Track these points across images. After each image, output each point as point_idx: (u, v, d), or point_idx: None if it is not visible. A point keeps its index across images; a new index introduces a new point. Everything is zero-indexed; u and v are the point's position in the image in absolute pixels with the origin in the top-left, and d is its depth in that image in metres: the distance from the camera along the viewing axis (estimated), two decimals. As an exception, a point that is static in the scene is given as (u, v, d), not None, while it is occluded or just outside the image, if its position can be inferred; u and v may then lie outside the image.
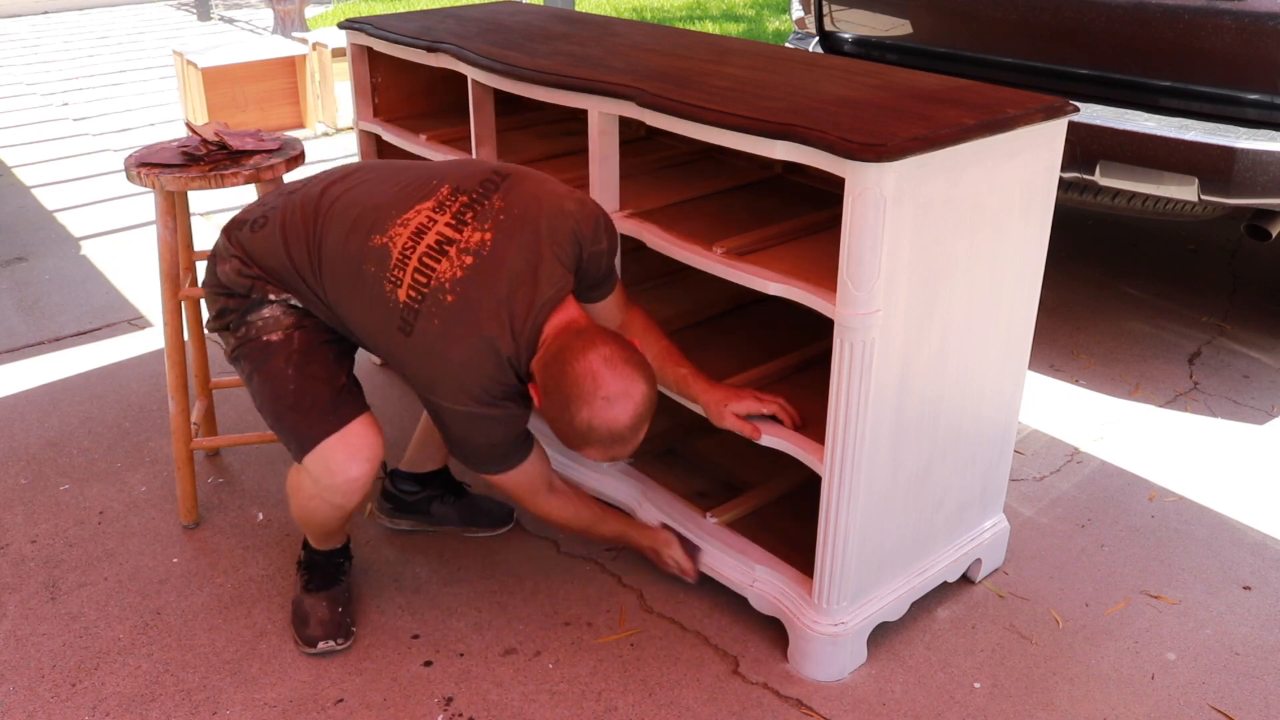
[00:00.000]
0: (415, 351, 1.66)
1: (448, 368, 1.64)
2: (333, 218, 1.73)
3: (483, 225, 1.67)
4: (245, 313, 1.77)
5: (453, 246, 1.65)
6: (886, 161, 1.48)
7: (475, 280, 1.63)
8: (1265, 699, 1.82)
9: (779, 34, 7.87)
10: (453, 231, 1.67)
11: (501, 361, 1.65)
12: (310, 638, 1.92)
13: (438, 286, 1.63)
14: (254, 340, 1.77)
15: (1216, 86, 2.71)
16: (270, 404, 1.77)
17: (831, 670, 1.85)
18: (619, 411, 1.59)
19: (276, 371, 1.76)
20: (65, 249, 3.95)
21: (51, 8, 10.07)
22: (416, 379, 1.69)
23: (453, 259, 1.65)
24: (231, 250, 1.80)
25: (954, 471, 1.91)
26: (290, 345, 1.76)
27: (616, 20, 2.57)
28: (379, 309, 1.68)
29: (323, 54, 5.44)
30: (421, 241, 1.67)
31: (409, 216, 1.70)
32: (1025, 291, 1.87)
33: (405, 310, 1.65)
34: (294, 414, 1.75)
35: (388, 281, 1.66)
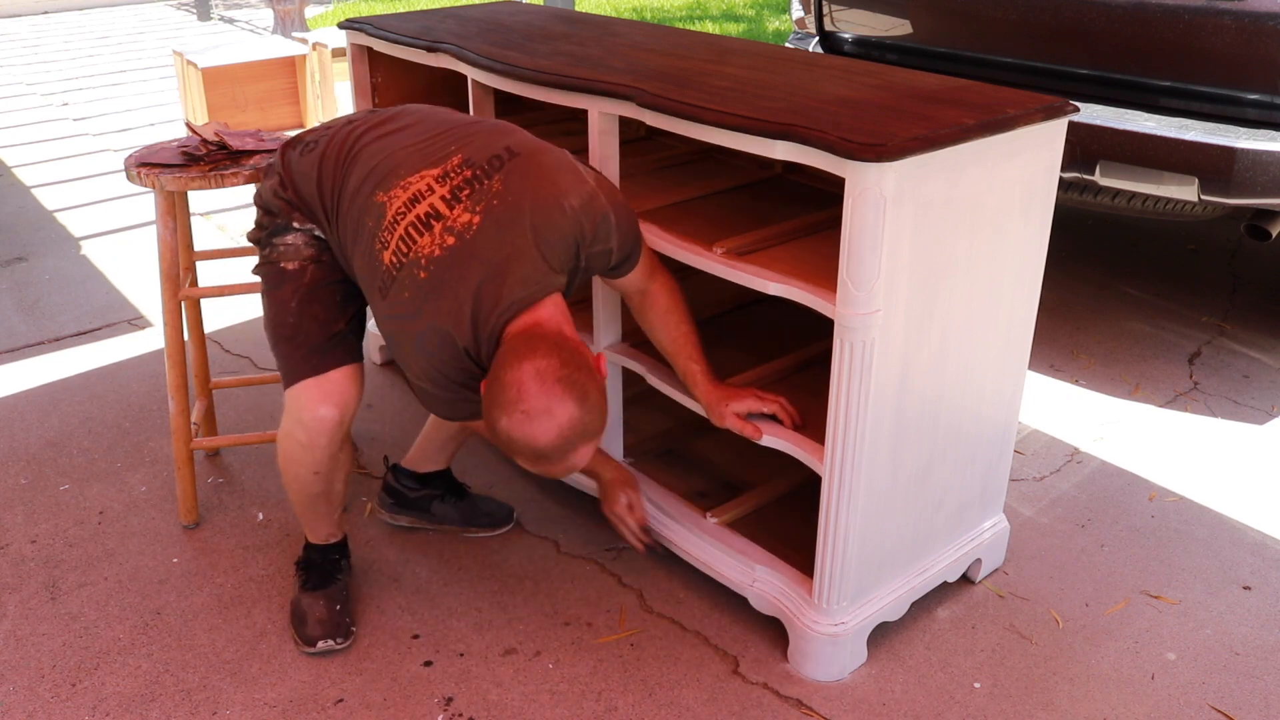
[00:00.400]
0: (385, 315, 1.68)
1: (408, 343, 1.66)
2: (359, 160, 1.75)
3: (474, 207, 1.63)
4: (272, 234, 1.82)
5: (439, 223, 1.63)
6: (886, 161, 1.48)
7: (451, 264, 1.61)
8: (1265, 699, 1.82)
9: (779, 34, 7.87)
10: (444, 207, 1.64)
11: (458, 352, 1.64)
12: (309, 637, 1.92)
13: (414, 260, 1.63)
14: (273, 263, 1.82)
15: (1216, 86, 2.71)
16: (270, 329, 1.84)
17: (831, 670, 1.85)
18: (537, 429, 1.52)
19: (282, 300, 1.81)
20: (65, 249, 3.95)
21: (51, 8, 10.07)
22: (388, 336, 1.71)
23: (436, 235, 1.63)
24: (278, 168, 1.85)
25: (954, 471, 1.91)
26: (301, 278, 1.81)
27: (616, 20, 2.57)
28: (369, 264, 1.70)
29: (323, 54, 5.44)
30: (413, 210, 1.65)
31: (412, 180, 1.68)
32: (1025, 291, 1.87)
33: (385, 274, 1.66)
34: (287, 345, 1.81)
35: (378, 240, 1.67)
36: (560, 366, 1.55)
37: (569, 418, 1.53)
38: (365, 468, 2.50)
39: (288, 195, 1.81)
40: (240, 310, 3.36)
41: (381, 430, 2.64)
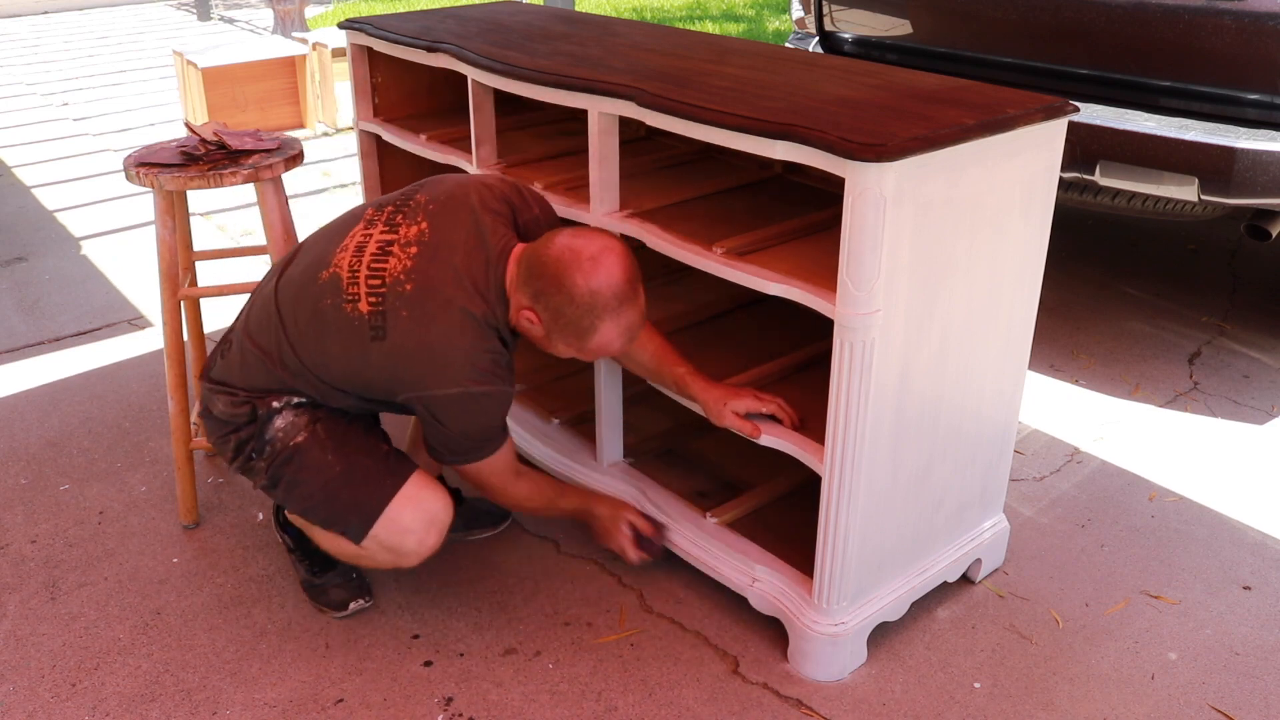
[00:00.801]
0: (395, 353, 1.67)
1: (431, 352, 1.65)
2: (284, 289, 1.80)
3: (415, 219, 1.74)
4: (261, 433, 1.79)
5: (395, 245, 1.72)
6: (886, 161, 1.48)
7: (426, 262, 1.68)
8: (1265, 699, 1.82)
9: (779, 34, 7.87)
10: (389, 234, 1.73)
11: (480, 325, 1.67)
12: (337, 601, 1.98)
13: (394, 281, 1.68)
14: (280, 452, 1.78)
15: (1216, 86, 2.71)
16: (320, 492, 1.77)
17: (831, 670, 1.85)
18: (610, 266, 1.63)
19: (317, 463, 1.77)
20: (65, 249, 3.95)
21: (51, 8, 10.07)
22: (404, 382, 1.68)
23: (398, 255, 1.70)
24: (213, 389, 1.85)
25: (954, 471, 1.91)
26: (318, 436, 1.79)
27: (616, 20, 2.57)
28: (348, 334, 1.70)
29: (323, 54, 5.44)
30: (365, 254, 1.72)
31: (346, 243, 1.76)
32: (1025, 291, 1.87)
33: (371, 318, 1.67)
34: (348, 489, 1.77)
35: (346, 303, 1.69)
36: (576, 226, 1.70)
37: (622, 247, 1.67)
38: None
39: (243, 396, 1.81)
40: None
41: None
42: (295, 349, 1.76)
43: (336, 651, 1.93)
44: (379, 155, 2.78)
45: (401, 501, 1.77)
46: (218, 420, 1.85)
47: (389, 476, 1.78)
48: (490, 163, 2.34)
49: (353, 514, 1.77)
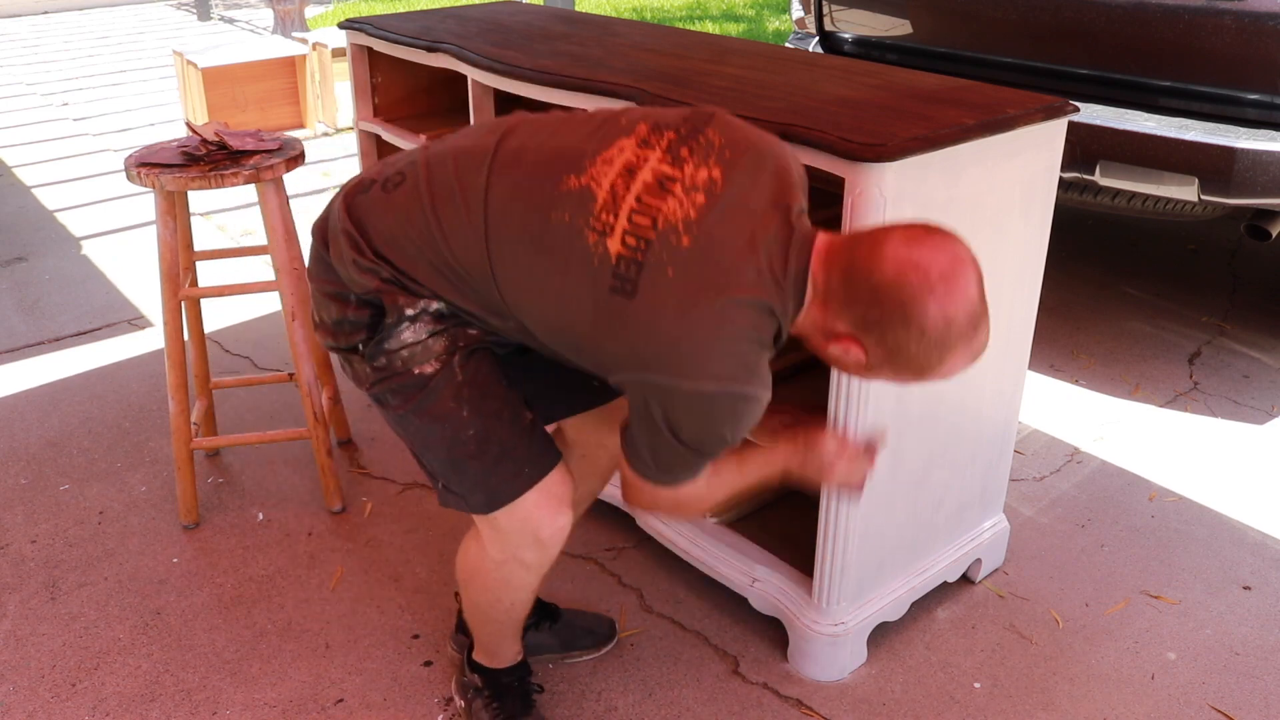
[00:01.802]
0: (641, 320, 1.26)
1: (693, 330, 1.25)
2: (500, 162, 1.36)
3: (707, 161, 1.31)
4: (381, 340, 1.41)
5: (677, 184, 1.29)
6: (886, 161, 1.48)
7: (718, 219, 1.27)
8: (1265, 699, 1.82)
9: (779, 34, 7.87)
10: (671, 168, 1.31)
11: (766, 315, 1.29)
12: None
13: (668, 228, 1.26)
14: (401, 374, 1.42)
15: (1216, 86, 2.71)
16: (445, 450, 1.46)
17: (831, 670, 1.85)
18: (965, 282, 1.23)
19: (446, 412, 1.42)
20: (65, 249, 3.95)
21: (51, 8, 10.07)
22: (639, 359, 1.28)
23: (680, 198, 1.28)
24: (348, 226, 1.39)
25: (954, 471, 1.91)
26: (454, 378, 1.41)
27: (616, 20, 2.57)
28: (578, 269, 1.28)
29: (323, 54, 5.44)
30: (636, 178, 1.30)
31: (611, 154, 1.33)
32: (1025, 291, 1.87)
33: (621, 264, 1.26)
34: (478, 463, 1.44)
35: (591, 230, 1.28)
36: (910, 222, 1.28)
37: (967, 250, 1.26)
38: (366, 467, 2.50)
39: (376, 265, 1.38)
40: (240, 310, 3.36)
41: (383, 430, 2.63)
42: (488, 240, 1.33)
43: (336, 651, 1.93)
44: (379, 155, 2.78)
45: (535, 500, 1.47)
46: (325, 268, 1.44)
47: (528, 464, 1.46)
48: (490, 163, 2.33)
49: (480, 491, 1.47)
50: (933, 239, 1.25)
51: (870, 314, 1.25)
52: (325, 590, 2.09)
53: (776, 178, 1.33)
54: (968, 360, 1.29)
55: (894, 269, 1.22)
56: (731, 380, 1.26)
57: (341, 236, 1.40)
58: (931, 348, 1.24)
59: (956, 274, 1.23)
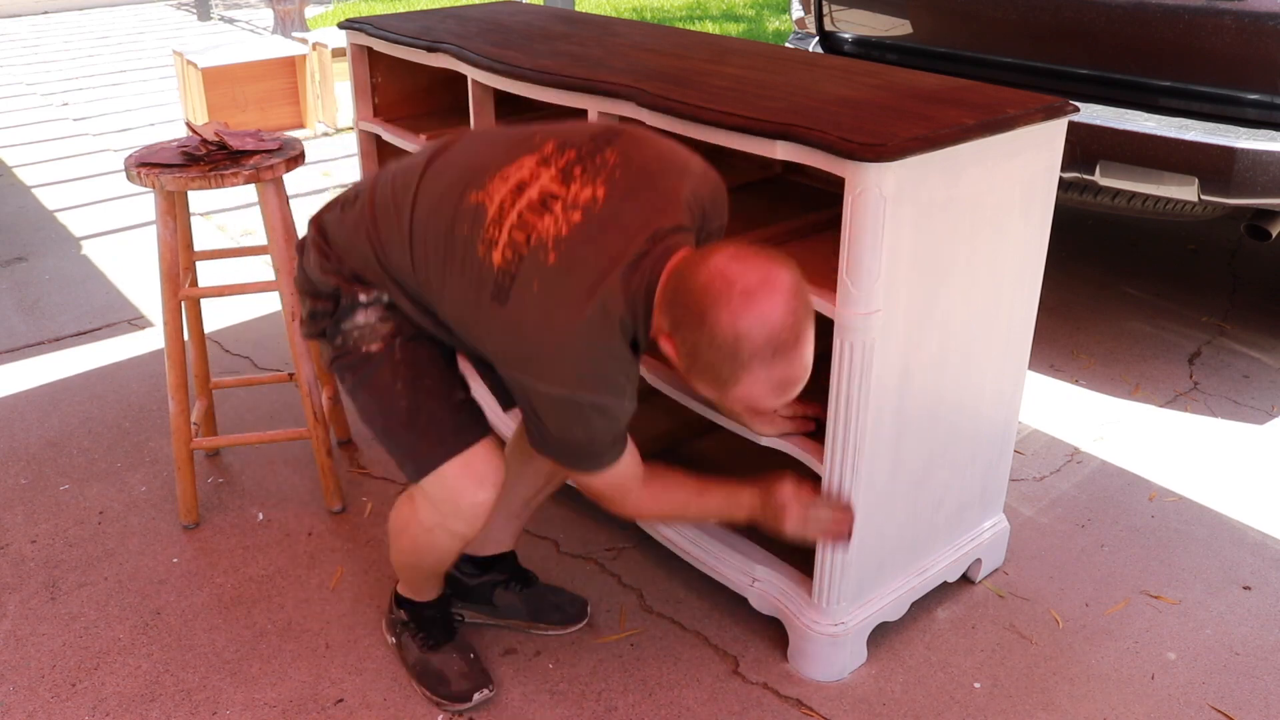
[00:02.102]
0: (508, 325, 1.42)
1: (546, 338, 1.39)
2: (428, 181, 1.54)
3: (594, 180, 1.43)
4: (339, 320, 1.61)
5: (558, 202, 1.42)
6: (886, 161, 1.48)
7: (583, 238, 1.39)
8: (1265, 699, 1.82)
9: (779, 34, 7.87)
10: (558, 186, 1.43)
11: (613, 324, 1.40)
12: (459, 693, 1.78)
13: (539, 244, 1.39)
14: (353, 352, 1.61)
15: (1216, 86, 2.71)
16: (380, 419, 1.62)
17: (831, 670, 1.85)
18: (766, 306, 1.30)
19: (384, 385, 1.60)
20: (65, 249, 3.95)
21: (51, 8, 10.07)
22: (508, 358, 1.45)
23: (557, 215, 1.41)
24: (315, 236, 1.64)
25: (954, 472, 1.91)
26: (393, 356, 1.60)
27: (616, 20, 2.57)
28: (469, 276, 1.45)
29: (323, 54, 5.44)
30: (522, 196, 1.43)
31: (510, 171, 1.47)
32: (1025, 291, 1.87)
33: (500, 275, 1.41)
34: (409, 432, 1.60)
35: (480, 243, 1.43)
36: (747, 245, 1.37)
37: (790, 282, 1.33)
38: (366, 467, 2.50)
39: (337, 266, 1.60)
40: (240, 310, 3.36)
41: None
42: (412, 247, 1.52)
43: (336, 651, 1.93)
44: (379, 155, 2.78)
45: (456, 469, 1.58)
46: (304, 273, 1.66)
47: (453, 435, 1.59)
48: (490, 163, 2.33)
49: (409, 459, 1.61)
50: (755, 259, 1.34)
51: (678, 314, 1.36)
52: (325, 590, 2.09)
53: (660, 196, 1.44)
54: (769, 388, 1.36)
55: (705, 276, 1.33)
56: (580, 387, 1.41)
57: (311, 247, 1.64)
58: (723, 358, 1.33)
59: (760, 293, 1.30)
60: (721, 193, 1.57)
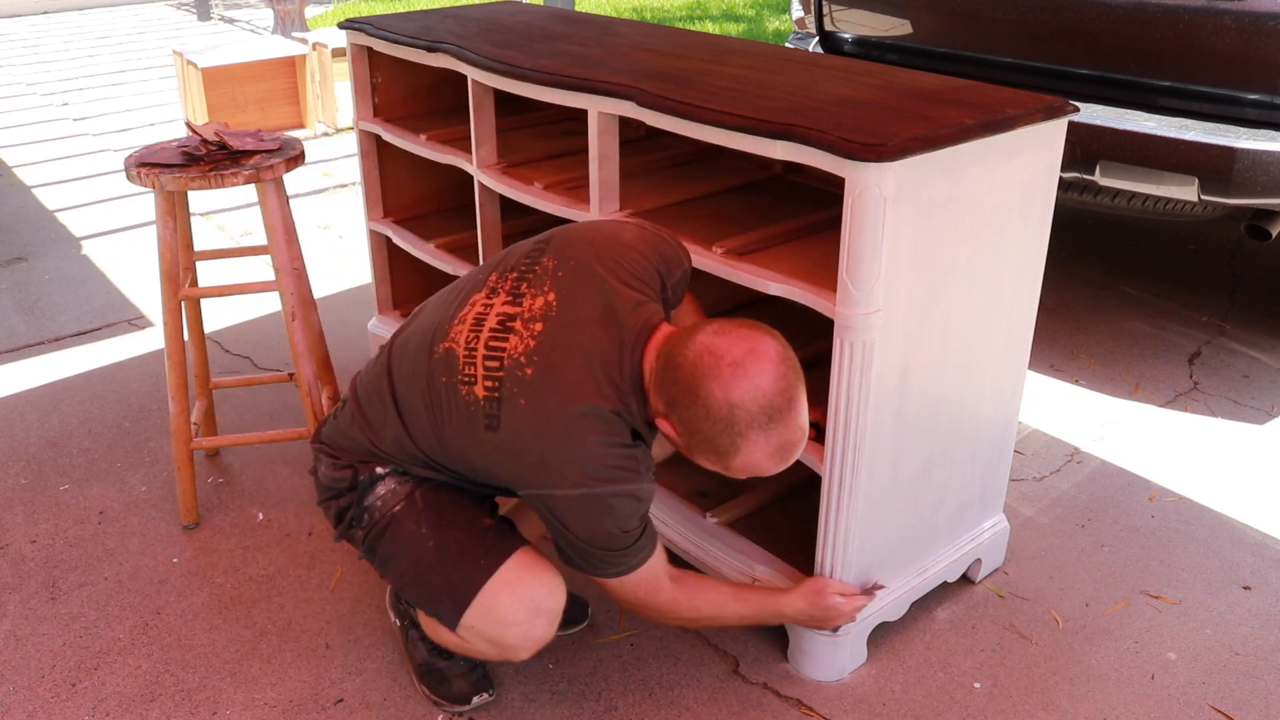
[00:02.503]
0: (509, 447, 1.46)
1: (549, 448, 1.44)
2: (396, 359, 1.62)
3: (541, 289, 1.51)
4: (361, 500, 1.64)
5: (516, 320, 1.50)
6: (886, 161, 1.48)
7: (552, 344, 1.46)
8: (1265, 699, 1.82)
9: (779, 34, 7.87)
10: (512, 307, 1.51)
11: (608, 420, 1.46)
12: (459, 694, 1.78)
13: (513, 364, 1.46)
14: (379, 522, 1.62)
15: (1216, 86, 2.71)
16: (413, 570, 1.60)
17: (832, 670, 1.85)
18: (757, 374, 1.36)
19: (410, 535, 1.60)
20: (65, 249, 3.95)
21: (51, 8, 10.07)
22: (521, 479, 1.49)
23: (520, 332, 1.48)
24: (320, 449, 1.70)
25: (954, 471, 1.91)
26: (416, 506, 1.61)
27: (616, 20, 2.57)
28: (461, 419, 1.50)
29: (323, 54, 5.44)
30: (483, 328, 1.51)
31: (465, 313, 1.55)
32: (1025, 291, 1.87)
33: (487, 405, 1.47)
34: (439, 568, 1.58)
35: (461, 385, 1.49)
36: (728, 319, 1.43)
37: (776, 350, 1.40)
38: (365, 468, 2.50)
39: (347, 460, 1.65)
40: (240, 310, 3.36)
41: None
42: (405, 420, 1.58)
43: (336, 651, 1.93)
44: (379, 155, 2.78)
45: (498, 587, 1.56)
46: (321, 485, 1.70)
47: (484, 556, 1.57)
48: (490, 163, 2.34)
49: (445, 597, 1.58)
50: (739, 331, 1.41)
51: (672, 393, 1.42)
52: (325, 590, 2.09)
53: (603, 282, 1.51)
54: (772, 453, 1.42)
55: (694, 353, 1.39)
56: (595, 482, 1.44)
57: (320, 458, 1.70)
58: (721, 430, 1.39)
59: (749, 364, 1.37)
60: (666, 245, 1.63)
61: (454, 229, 2.73)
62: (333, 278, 3.64)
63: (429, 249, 2.62)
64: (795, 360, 1.43)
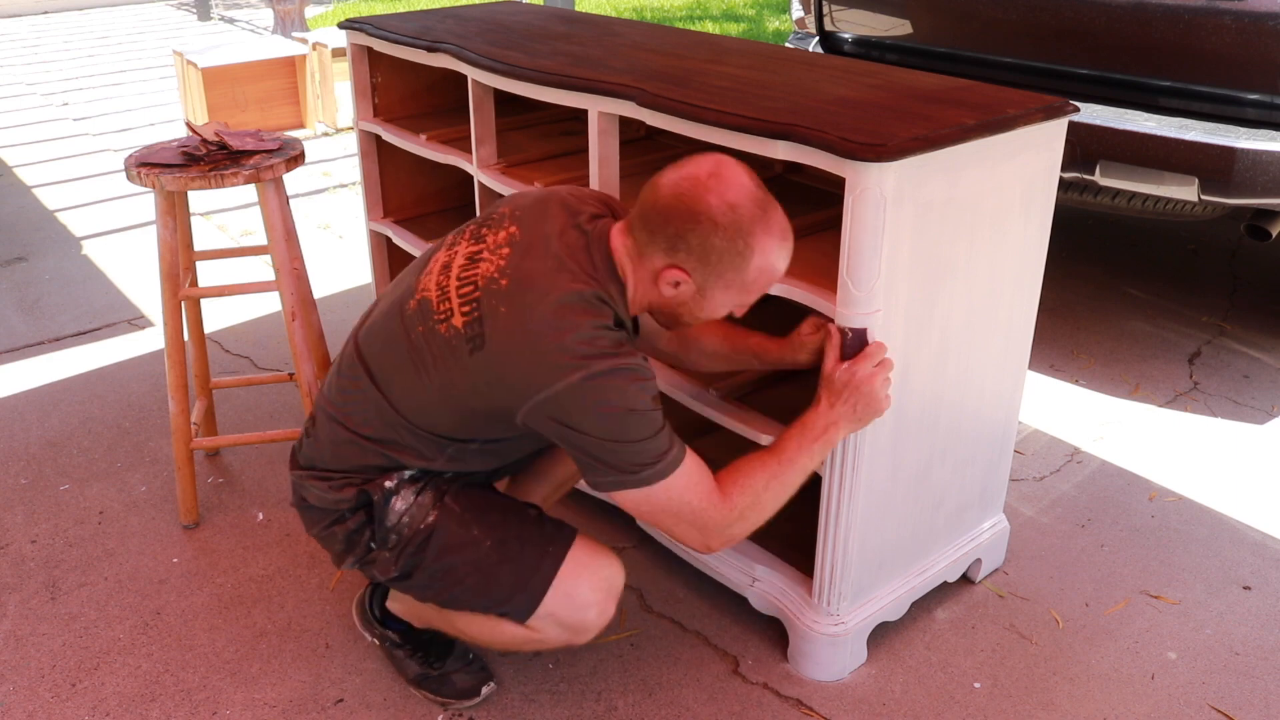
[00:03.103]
0: (500, 357, 1.43)
1: (537, 340, 1.40)
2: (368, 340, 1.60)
3: (503, 226, 1.54)
4: (381, 522, 1.57)
5: (483, 251, 1.51)
6: (887, 161, 1.48)
7: (520, 256, 1.47)
8: (1265, 699, 1.82)
9: (779, 34, 7.87)
10: (475, 246, 1.53)
11: (591, 301, 1.43)
12: (466, 689, 1.79)
13: (488, 281, 1.46)
14: (412, 539, 1.56)
15: (1216, 86, 2.71)
16: (474, 575, 1.56)
17: (832, 670, 1.85)
18: (733, 177, 1.42)
19: (461, 540, 1.56)
20: (66, 249, 3.95)
21: (51, 8, 10.07)
22: (519, 392, 1.43)
23: (488, 259, 1.49)
24: (304, 475, 1.64)
25: (954, 471, 1.91)
26: (452, 511, 1.57)
27: (616, 20, 2.57)
28: (446, 357, 1.47)
29: (323, 54, 5.44)
30: (453, 269, 1.52)
31: (430, 267, 1.57)
32: (1025, 291, 1.87)
33: (468, 330, 1.45)
34: (506, 565, 1.55)
35: (439, 325, 1.48)
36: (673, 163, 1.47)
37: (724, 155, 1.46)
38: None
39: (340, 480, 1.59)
40: (240, 310, 3.36)
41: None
42: (392, 402, 1.54)
43: (336, 651, 1.93)
44: (379, 155, 2.78)
45: (573, 570, 1.56)
46: (316, 510, 1.63)
47: (550, 544, 1.56)
48: (490, 163, 2.34)
49: (518, 592, 1.55)
50: (694, 157, 1.46)
51: (669, 232, 1.43)
52: (325, 590, 2.09)
53: (562, 205, 1.54)
54: (778, 241, 1.45)
55: (670, 188, 1.43)
56: (590, 360, 1.38)
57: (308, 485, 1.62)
58: (733, 235, 1.41)
59: (721, 170, 1.43)
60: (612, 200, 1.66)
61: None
62: (333, 278, 3.64)
63: (429, 249, 2.62)
64: None
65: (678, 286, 1.46)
